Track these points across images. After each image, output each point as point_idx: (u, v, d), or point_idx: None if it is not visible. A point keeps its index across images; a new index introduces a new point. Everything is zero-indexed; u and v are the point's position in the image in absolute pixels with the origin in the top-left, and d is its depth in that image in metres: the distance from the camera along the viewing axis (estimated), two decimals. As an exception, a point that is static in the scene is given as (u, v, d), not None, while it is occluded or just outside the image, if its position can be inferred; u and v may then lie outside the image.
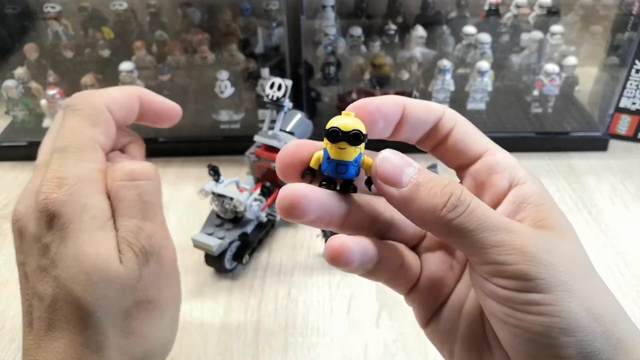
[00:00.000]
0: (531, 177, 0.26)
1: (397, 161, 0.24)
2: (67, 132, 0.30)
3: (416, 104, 0.27)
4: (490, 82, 0.74)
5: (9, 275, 0.54)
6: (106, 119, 0.31)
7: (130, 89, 0.33)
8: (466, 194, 0.24)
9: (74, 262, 0.28)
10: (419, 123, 0.27)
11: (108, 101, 0.31)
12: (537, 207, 0.25)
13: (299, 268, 0.54)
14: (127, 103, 0.32)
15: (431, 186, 0.24)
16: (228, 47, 0.75)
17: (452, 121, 0.27)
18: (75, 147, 0.30)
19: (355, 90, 0.75)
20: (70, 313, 0.28)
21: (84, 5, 0.79)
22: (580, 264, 0.24)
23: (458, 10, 0.81)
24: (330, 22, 0.77)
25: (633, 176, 0.68)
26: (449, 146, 0.27)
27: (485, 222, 0.23)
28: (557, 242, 0.24)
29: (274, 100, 0.54)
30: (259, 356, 0.45)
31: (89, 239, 0.28)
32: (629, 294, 0.51)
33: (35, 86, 0.75)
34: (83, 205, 0.29)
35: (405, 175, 0.24)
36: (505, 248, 0.23)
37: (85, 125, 0.30)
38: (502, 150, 0.27)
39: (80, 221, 0.28)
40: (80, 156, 0.30)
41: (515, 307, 0.23)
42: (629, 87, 0.72)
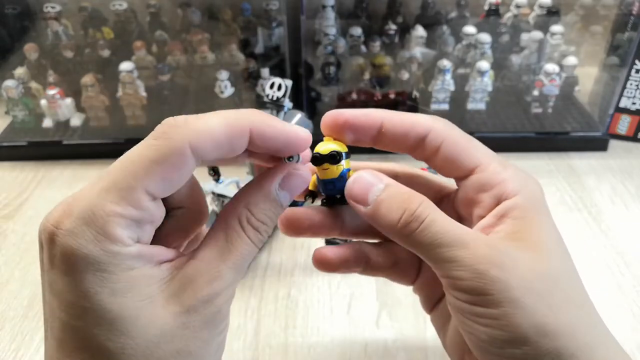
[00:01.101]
0: (524, 188, 0.26)
1: (366, 181, 0.27)
2: (124, 159, 0.23)
3: (398, 121, 0.27)
4: (490, 82, 0.74)
5: (9, 275, 0.54)
6: (176, 162, 0.22)
7: (239, 121, 0.23)
8: (422, 209, 0.25)
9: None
10: (398, 140, 0.28)
11: (196, 137, 0.22)
12: (517, 219, 0.26)
13: (299, 268, 0.54)
14: (229, 138, 0.23)
15: (389, 203, 0.26)
16: (228, 47, 0.75)
17: (439, 138, 0.27)
18: (114, 183, 0.22)
19: (355, 90, 0.75)
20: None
21: (84, 5, 0.79)
22: (546, 277, 0.24)
23: (458, 10, 0.81)
24: (330, 22, 0.77)
25: (633, 176, 0.68)
26: (439, 160, 0.28)
27: (440, 238, 0.24)
28: (520, 256, 0.24)
29: (274, 100, 0.54)
30: (259, 356, 0.45)
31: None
32: (629, 294, 0.51)
33: (35, 86, 0.75)
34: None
35: (371, 194, 0.26)
36: (457, 264, 0.24)
37: (141, 158, 0.22)
38: (495, 161, 0.28)
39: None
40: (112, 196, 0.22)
41: (466, 317, 0.25)
42: (629, 87, 0.72)
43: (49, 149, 0.73)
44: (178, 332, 0.23)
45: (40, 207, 0.64)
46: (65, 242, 0.22)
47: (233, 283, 0.25)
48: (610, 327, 0.26)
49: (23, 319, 0.49)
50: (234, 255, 0.24)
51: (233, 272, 0.24)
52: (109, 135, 0.74)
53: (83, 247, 0.21)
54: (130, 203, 0.22)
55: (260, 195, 0.25)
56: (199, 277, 0.23)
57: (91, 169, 0.70)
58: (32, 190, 0.66)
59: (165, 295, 0.23)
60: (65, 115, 0.75)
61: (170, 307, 0.23)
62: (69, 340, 0.22)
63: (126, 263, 0.22)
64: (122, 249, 0.22)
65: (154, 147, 0.22)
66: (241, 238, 0.25)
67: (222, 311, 0.24)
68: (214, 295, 0.23)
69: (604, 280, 0.52)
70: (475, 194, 0.27)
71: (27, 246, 0.58)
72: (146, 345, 0.22)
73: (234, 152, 0.24)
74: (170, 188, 0.23)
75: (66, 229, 0.22)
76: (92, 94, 0.72)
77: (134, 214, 0.22)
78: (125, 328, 0.22)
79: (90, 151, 0.72)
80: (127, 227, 0.22)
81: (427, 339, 0.46)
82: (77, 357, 0.22)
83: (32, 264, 0.55)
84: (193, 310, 0.23)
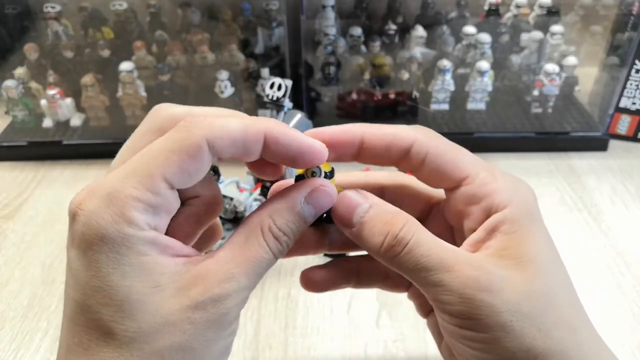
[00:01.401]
0: (515, 198, 0.26)
1: (349, 201, 0.26)
2: (145, 149, 0.24)
3: (378, 135, 0.27)
4: (490, 82, 0.74)
5: (9, 275, 0.54)
6: (193, 153, 0.23)
7: (256, 124, 0.24)
8: (406, 231, 0.24)
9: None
10: (380, 154, 0.27)
11: (214, 134, 0.23)
12: (507, 235, 0.25)
13: (299, 268, 0.54)
14: (244, 140, 0.24)
15: (372, 225, 0.25)
16: (228, 47, 0.75)
17: (423, 149, 0.27)
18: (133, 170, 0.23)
19: (355, 90, 0.75)
20: (94, 336, 0.23)
21: (84, 5, 0.79)
22: (536, 298, 0.24)
23: (458, 10, 0.81)
24: (330, 22, 0.77)
25: (633, 176, 0.68)
26: (425, 172, 0.27)
27: (424, 262, 0.24)
28: (509, 276, 0.24)
29: (274, 100, 0.54)
30: (259, 356, 0.45)
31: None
32: (629, 294, 0.51)
33: (35, 86, 0.75)
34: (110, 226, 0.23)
35: (356, 215, 0.26)
36: (444, 288, 0.24)
37: (161, 149, 0.23)
38: (484, 170, 0.27)
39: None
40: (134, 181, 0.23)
41: (456, 339, 0.24)
42: (629, 87, 0.72)
43: (49, 149, 0.73)
44: (182, 325, 0.23)
45: (40, 207, 0.64)
46: (84, 221, 0.22)
47: (246, 288, 0.24)
48: (610, 327, 0.26)
49: (23, 319, 0.49)
50: (250, 259, 0.24)
51: (246, 277, 0.24)
52: (109, 135, 0.74)
53: (101, 227, 0.22)
54: (149, 189, 0.23)
55: (285, 206, 0.26)
56: (211, 276, 0.23)
57: (91, 169, 0.70)
58: (32, 190, 0.66)
59: (175, 287, 0.23)
60: (65, 115, 0.75)
61: (178, 300, 0.23)
62: (79, 319, 0.23)
63: (139, 247, 0.23)
64: (137, 232, 0.22)
65: (173, 138, 0.23)
66: (260, 244, 0.25)
67: (231, 314, 0.24)
68: (224, 295, 0.23)
69: (604, 280, 0.52)
70: (465, 206, 0.27)
71: (27, 246, 0.58)
72: (149, 332, 0.22)
73: (248, 154, 0.24)
74: (187, 180, 0.24)
75: (87, 209, 0.22)
76: (92, 94, 0.72)
77: (151, 199, 0.23)
78: (131, 311, 0.22)
79: (90, 151, 0.72)
80: (144, 211, 0.23)
81: (427, 339, 0.46)
82: (85, 336, 0.23)
83: (32, 264, 0.55)
84: (200, 306, 0.23)
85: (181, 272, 0.23)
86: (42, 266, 0.55)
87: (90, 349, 0.23)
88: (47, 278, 0.53)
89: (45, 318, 0.49)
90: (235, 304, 0.24)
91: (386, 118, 0.74)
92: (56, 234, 0.59)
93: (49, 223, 0.61)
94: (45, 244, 0.58)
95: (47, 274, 0.54)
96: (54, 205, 0.64)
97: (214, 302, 0.23)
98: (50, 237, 0.59)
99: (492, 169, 0.27)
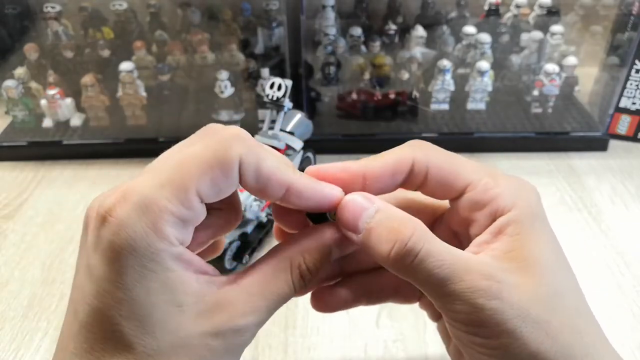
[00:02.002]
0: (518, 200, 0.26)
1: (355, 206, 0.25)
2: (180, 156, 0.24)
3: (379, 171, 0.26)
4: (490, 82, 0.74)
5: (8, 275, 0.54)
6: (227, 171, 0.23)
7: (284, 171, 0.24)
8: (416, 240, 0.24)
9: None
10: (386, 186, 0.27)
11: (247, 159, 0.23)
12: (512, 237, 0.25)
13: (299, 268, 0.54)
14: (268, 182, 0.24)
15: (380, 231, 0.25)
16: (228, 47, 0.75)
17: (423, 168, 0.27)
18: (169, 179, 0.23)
19: (355, 90, 0.75)
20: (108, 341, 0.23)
21: (84, 5, 0.79)
22: (543, 302, 0.24)
23: (458, 10, 0.81)
24: (330, 22, 0.77)
25: (633, 176, 0.68)
26: (429, 188, 0.27)
27: (437, 273, 0.23)
28: (517, 282, 0.24)
29: (274, 100, 0.54)
30: (259, 356, 0.45)
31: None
32: (629, 294, 0.51)
33: (35, 86, 0.75)
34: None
35: (362, 221, 0.25)
36: (455, 298, 0.23)
37: (195, 160, 0.23)
38: (486, 175, 0.27)
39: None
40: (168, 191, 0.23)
41: (466, 344, 0.25)
42: (629, 87, 0.72)
43: (49, 149, 0.73)
44: (199, 350, 0.22)
45: (40, 207, 0.64)
46: (114, 229, 0.22)
47: (264, 321, 0.25)
48: (610, 327, 0.27)
49: (23, 319, 0.49)
50: (274, 294, 0.24)
51: (267, 311, 0.24)
52: (109, 135, 0.74)
53: (131, 238, 0.21)
54: (183, 202, 0.22)
55: (316, 245, 0.26)
56: (237, 305, 0.23)
57: (91, 169, 0.70)
58: (32, 190, 0.66)
59: (197, 309, 0.23)
60: (65, 115, 0.75)
61: (200, 324, 0.23)
62: (95, 326, 0.22)
63: (168, 263, 0.22)
64: (167, 247, 0.22)
65: (212, 150, 0.23)
66: (287, 281, 0.25)
67: (246, 343, 0.24)
68: (245, 327, 0.23)
69: (604, 280, 0.52)
70: (469, 213, 0.27)
71: (27, 246, 0.58)
72: (166, 351, 0.22)
73: (264, 195, 0.24)
74: (217, 195, 0.23)
75: (118, 216, 0.22)
76: (92, 94, 0.72)
77: (184, 214, 0.22)
78: (153, 329, 0.22)
79: (90, 151, 0.72)
80: (175, 225, 0.22)
81: (427, 339, 0.46)
82: (98, 344, 0.22)
83: (32, 264, 0.55)
84: (221, 335, 0.23)
85: (204, 293, 0.23)
86: (42, 266, 0.55)
87: (103, 358, 0.22)
88: (47, 278, 0.53)
89: (45, 318, 0.49)
90: (252, 335, 0.24)
91: (386, 118, 0.74)
92: (56, 234, 0.59)
93: (49, 223, 0.61)
94: (45, 244, 0.58)
95: (47, 274, 0.54)
96: (54, 205, 0.64)
97: (235, 332, 0.23)
98: (50, 237, 0.59)
99: (494, 173, 0.27)
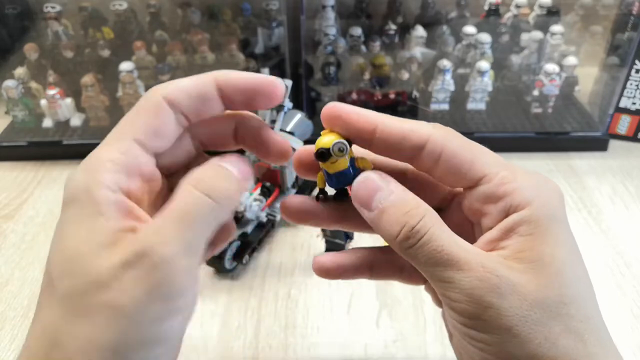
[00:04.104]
0: (536, 199, 0.25)
1: (371, 185, 0.26)
2: (120, 121, 0.27)
3: (393, 128, 0.26)
4: (490, 82, 0.74)
5: (8, 275, 0.54)
6: (155, 111, 0.25)
7: (203, 75, 0.27)
8: (423, 224, 0.24)
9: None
10: (392, 148, 0.26)
11: (167, 91, 0.26)
12: (523, 237, 0.24)
13: (299, 268, 0.54)
14: (197, 90, 0.26)
15: (392, 212, 0.25)
16: (228, 47, 0.75)
17: (437, 149, 0.26)
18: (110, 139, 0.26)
19: (355, 90, 0.75)
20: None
21: (84, 5, 0.79)
22: (546, 305, 0.23)
23: (458, 10, 0.81)
24: (330, 22, 0.77)
25: (633, 176, 0.68)
26: (439, 172, 0.26)
27: (436, 257, 0.24)
28: (520, 281, 0.23)
29: (274, 100, 0.54)
30: (259, 356, 0.45)
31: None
32: (629, 293, 0.51)
33: (35, 86, 0.75)
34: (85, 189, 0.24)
35: (375, 200, 0.26)
36: (453, 285, 0.23)
37: (128, 118, 0.26)
38: (504, 169, 0.26)
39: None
40: (108, 146, 0.26)
41: (462, 336, 0.25)
42: (629, 87, 0.72)
43: (49, 149, 0.73)
44: (110, 283, 0.22)
45: (40, 207, 0.64)
46: (65, 185, 0.25)
47: (181, 243, 0.23)
48: (610, 327, 0.26)
49: (23, 319, 0.49)
50: (176, 208, 0.23)
51: (175, 228, 0.23)
52: (109, 135, 0.74)
53: (74, 188, 0.24)
54: (119, 149, 0.25)
55: (205, 166, 0.26)
56: (140, 232, 0.23)
57: (91, 169, 0.70)
58: (32, 190, 0.66)
59: (111, 246, 0.23)
60: (65, 115, 0.75)
61: (109, 257, 0.22)
62: (45, 277, 0.24)
63: (100, 207, 0.23)
64: (103, 192, 0.24)
65: (138, 104, 0.26)
66: (187, 191, 0.24)
67: (164, 274, 0.22)
68: (149, 249, 0.22)
69: (604, 280, 0.52)
70: (482, 205, 0.26)
71: (27, 246, 0.58)
72: (82, 291, 0.22)
73: (209, 104, 0.26)
74: (156, 138, 0.26)
75: (69, 177, 0.25)
76: (92, 94, 0.72)
77: (122, 159, 0.24)
78: (72, 269, 0.23)
79: (90, 151, 0.72)
80: (114, 172, 0.24)
81: (427, 339, 0.46)
82: (45, 293, 0.24)
83: (32, 264, 0.55)
84: (128, 264, 0.22)
85: (125, 234, 0.23)
86: (42, 266, 0.55)
87: (40, 304, 0.24)
88: (47, 278, 0.53)
89: (45, 318, 0.49)
90: (167, 260, 0.22)
91: (386, 118, 0.74)
92: (56, 234, 0.59)
93: (49, 223, 0.61)
94: (45, 244, 0.58)
95: (47, 274, 0.54)
96: (54, 205, 0.64)
97: (140, 257, 0.22)
98: (50, 237, 0.58)
99: (514, 168, 0.26)
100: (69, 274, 0.23)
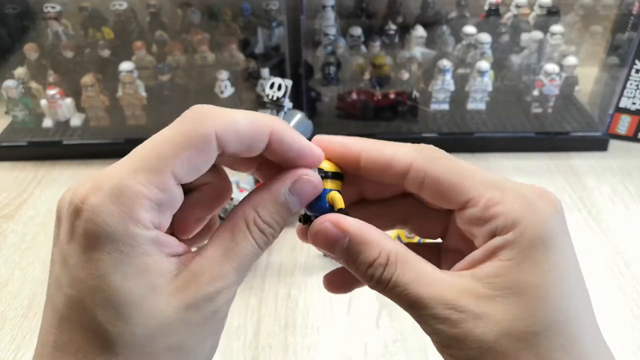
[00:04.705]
0: (524, 220, 0.24)
1: (327, 237, 0.26)
2: (153, 141, 0.23)
3: (375, 157, 0.26)
4: (490, 82, 0.74)
5: (8, 275, 0.54)
6: (202, 148, 0.23)
7: (262, 120, 0.24)
8: (386, 274, 0.25)
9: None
10: (377, 176, 0.27)
11: (222, 128, 0.23)
12: (502, 262, 0.24)
13: (299, 268, 0.54)
14: (251, 135, 0.24)
15: (356, 265, 0.25)
16: (228, 47, 0.75)
17: (419, 175, 0.25)
18: (144, 162, 0.23)
19: (355, 90, 0.75)
20: (82, 336, 0.23)
21: (84, 5, 0.79)
22: (515, 336, 0.23)
23: (458, 10, 0.81)
24: (330, 22, 0.77)
25: (633, 176, 0.68)
26: (426, 196, 0.26)
27: (404, 299, 0.25)
28: (485, 313, 0.23)
29: (274, 100, 0.54)
30: (259, 356, 0.45)
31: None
32: (629, 293, 0.51)
33: (35, 86, 0.75)
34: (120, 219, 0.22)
35: (337, 250, 0.26)
36: (421, 321, 0.25)
37: (170, 140, 0.23)
38: (491, 189, 0.25)
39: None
40: (143, 173, 0.23)
41: (442, 354, 0.25)
42: (629, 87, 0.72)
43: (49, 149, 0.73)
44: (176, 326, 0.22)
45: (40, 207, 0.64)
46: (89, 217, 0.22)
47: (235, 283, 0.24)
48: (610, 327, 0.26)
49: (23, 319, 0.49)
50: (238, 255, 0.24)
51: (236, 273, 0.24)
52: (109, 135, 0.74)
53: (107, 224, 0.21)
54: (158, 186, 0.22)
55: (268, 198, 0.25)
56: (203, 275, 0.23)
57: (91, 169, 0.70)
58: (32, 190, 0.66)
59: (169, 288, 0.23)
60: (65, 115, 0.75)
61: (172, 301, 0.23)
62: (72, 317, 0.22)
63: (143, 247, 0.22)
64: (142, 232, 0.22)
65: (183, 131, 0.23)
66: (246, 239, 0.25)
67: (222, 311, 0.24)
68: (215, 293, 0.23)
69: (604, 280, 0.52)
70: (470, 227, 0.26)
71: (27, 246, 0.58)
72: (143, 336, 0.22)
73: (252, 151, 0.24)
74: (194, 174, 0.23)
75: (93, 204, 0.22)
76: (92, 94, 0.72)
77: (160, 197, 0.22)
78: (128, 314, 0.22)
79: (90, 151, 0.72)
80: (150, 209, 0.22)
81: (427, 339, 0.46)
82: (77, 334, 0.22)
83: (32, 264, 0.55)
84: (194, 306, 0.23)
85: (174, 272, 0.23)
86: (42, 266, 0.55)
87: (82, 349, 0.22)
88: (47, 278, 0.53)
89: (45, 318, 0.49)
90: (225, 301, 0.24)
91: (386, 118, 0.75)
92: (56, 234, 0.59)
93: (49, 223, 0.61)
94: (45, 244, 0.58)
95: (47, 273, 0.54)
96: (54, 205, 0.63)
97: (206, 301, 0.23)
98: (50, 237, 0.58)
99: (505, 186, 0.25)
100: (125, 320, 0.22)
